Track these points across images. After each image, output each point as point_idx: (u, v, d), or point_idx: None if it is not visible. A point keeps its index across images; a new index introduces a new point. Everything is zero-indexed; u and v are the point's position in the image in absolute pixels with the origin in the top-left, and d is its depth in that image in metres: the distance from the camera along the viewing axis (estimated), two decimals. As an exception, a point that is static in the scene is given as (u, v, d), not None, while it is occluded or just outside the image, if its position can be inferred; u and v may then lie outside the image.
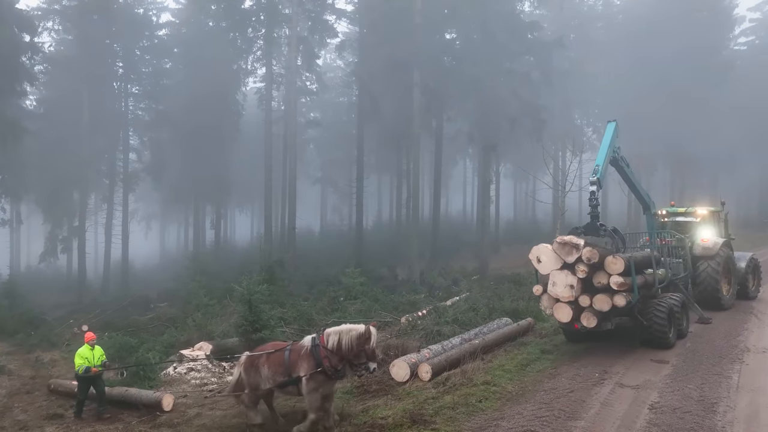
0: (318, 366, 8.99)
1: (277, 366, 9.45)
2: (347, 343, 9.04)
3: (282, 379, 9.38)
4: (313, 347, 9.17)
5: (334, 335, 9.17)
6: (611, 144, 14.45)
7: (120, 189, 45.22)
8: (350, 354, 9.04)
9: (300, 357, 9.23)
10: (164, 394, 11.82)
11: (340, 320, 19.02)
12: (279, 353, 9.59)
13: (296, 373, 9.19)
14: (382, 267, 35.06)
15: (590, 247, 12.02)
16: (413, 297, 23.13)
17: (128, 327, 19.87)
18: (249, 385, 9.73)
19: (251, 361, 9.79)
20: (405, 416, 9.78)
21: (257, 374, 9.65)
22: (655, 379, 11.19)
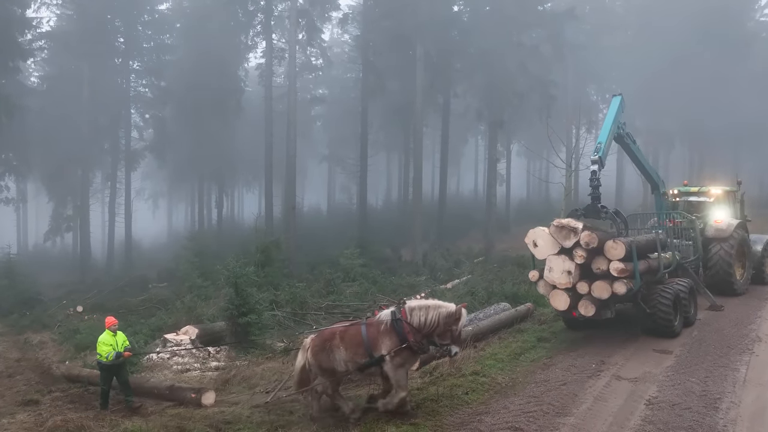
0: (402, 342, 8.40)
1: (355, 346, 8.68)
2: (433, 321, 8.45)
3: (362, 360, 8.65)
4: (394, 322, 8.53)
5: (420, 311, 8.54)
6: (615, 119, 13.70)
7: (123, 167, 45.06)
8: (434, 332, 8.47)
9: (380, 333, 8.55)
10: (206, 390, 10.92)
11: (335, 303, 18.64)
12: (354, 332, 8.83)
13: (378, 351, 8.51)
14: (387, 247, 34.64)
15: (589, 231, 11.36)
16: (413, 279, 22.66)
17: (119, 309, 19.62)
18: (324, 372, 8.92)
19: (321, 344, 8.92)
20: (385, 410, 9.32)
21: (331, 358, 8.82)
22: (655, 372, 10.57)
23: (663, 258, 13.10)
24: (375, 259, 30.78)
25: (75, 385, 12.74)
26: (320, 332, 9.15)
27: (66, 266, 42.29)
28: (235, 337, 14.59)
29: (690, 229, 16.07)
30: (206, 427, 9.49)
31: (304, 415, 9.66)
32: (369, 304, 18.48)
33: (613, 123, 13.62)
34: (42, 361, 15.50)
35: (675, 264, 13.66)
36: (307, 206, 68.70)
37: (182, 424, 9.70)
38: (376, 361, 8.53)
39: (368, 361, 8.60)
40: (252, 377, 12.05)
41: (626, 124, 14.38)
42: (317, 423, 9.03)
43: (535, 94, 30.16)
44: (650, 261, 12.56)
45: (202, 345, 14.67)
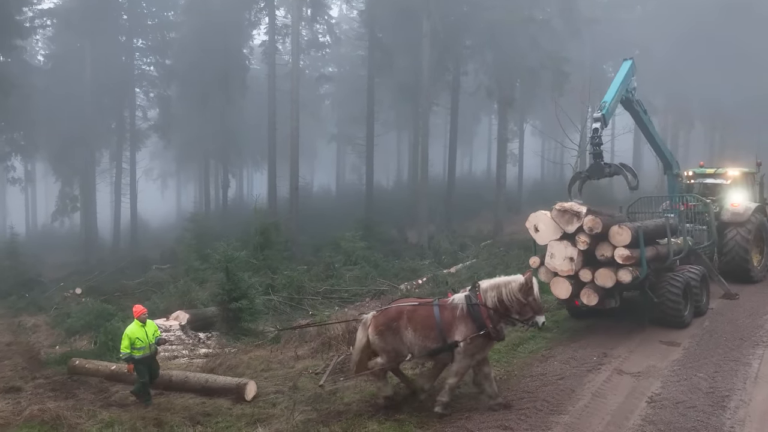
0: (480, 328, 7.92)
1: (427, 329, 8.17)
2: (508, 298, 7.99)
3: (433, 345, 8.14)
4: (471, 306, 8.05)
5: (492, 291, 8.08)
6: (624, 81, 13.17)
7: (135, 146, 44.90)
8: (513, 310, 8.04)
9: (456, 318, 8.10)
10: (248, 381, 10.03)
11: (334, 288, 18.24)
12: (425, 313, 8.27)
13: (451, 337, 8.04)
14: (393, 229, 34.17)
15: (593, 216, 10.75)
16: (417, 263, 22.16)
17: (115, 291, 19.43)
18: (385, 353, 8.39)
19: (386, 323, 8.34)
20: (369, 404, 8.91)
21: (398, 339, 8.29)
22: (660, 366, 10.02)
23: (673, 244, 12.44)
24: (381, 241, 30.34)
25: (59, 372, 12.44)
26: (384, 310, 8.60)
27: (73, 247, 42.40)
28: (226, 323, 14.26)
29: (704, 212, 15.35)
30: (184, 419, 9.18)
31: (286, 407, 9.31)
32: (368, 288, 18.07)
33: (621, 84, 13.11)
34: (32, 346, 15.33)
35: (686, 250, 12.99)
36: (316, 186, 68.30)
37: (160, 416, 9.41)
38: (449, 347, 8.05)
39: (440, 347, 8.11)
40: (238, 366, 11.69)
41: (637, 90, 13.87)
42: (385, 406, 8.50)
43: (547, 71, 29.21)
44: (659, 247, 11.94)
45: (192, 331, 14.39)
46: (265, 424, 8.75)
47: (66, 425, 9.40)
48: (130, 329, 9.99)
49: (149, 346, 9.99)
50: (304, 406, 9.47)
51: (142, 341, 9.92)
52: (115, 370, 11.41)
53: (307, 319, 15.98)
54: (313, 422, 8.53)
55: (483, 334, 7.94)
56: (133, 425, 9.07)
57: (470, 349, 7.99)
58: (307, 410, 9.20)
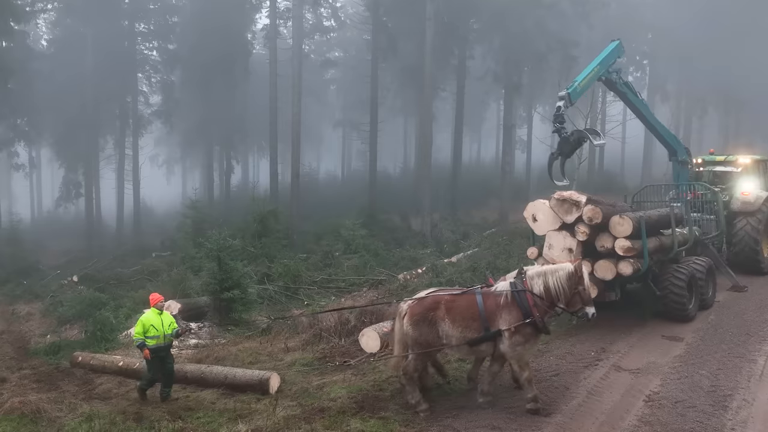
0: (526, 316, 7.51)
1: (467, 319, 7.73)
2: (556, 286, 7.58)
3: (475, 335, 7.70)
4: (516, 293, 7.64)
5: (539, 278, 7.68)
6: (604, 61, 13.02)
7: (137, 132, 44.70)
8: (560, 299, 7.65)
9: (500, 307, 7.66)
10: (267, 377, 9.51)
11: (331, 277, 17.97)
12: (467, 303, 7.83)
13: (495, 326, 7.62)
14: (397, 217, 33.83)
15: (593, 206, 10.34)
16: (418, 252, 21.84)
17: (110, 280, 19.27)
18: (419, 346, 7.93)
19: (422, 314, 7.89)
20: (354, 400, 8.64)
21: (433, 331, 7.83)
22: (660, 362, 9.66)
23: (678, 235, 12.01)
24: (384, 229, 30.05)
25: (46, 362, 12.30)
26: (420, 300, 8.11)
27: (77, 233, 42.36)
28: (218, 314, 14.04)
29: (713, 201, 14.88)
30: (165, 414, 8.96)
31: (270, 402, 9.07)
32: (366, 278, 17.79)
33: (600, 64, 12.91)
34: (24, 335, 15.23)
35: (692, 241, 12.58)
36: (323, 172, 68.01)
37: (141, 410, 9.22)
38: (492, 335, 7.65)
39: (482, 337, 7.69)
40: (226, 358, 11.46)
41: (622, 71, 13.97)
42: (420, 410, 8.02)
43: (555, 55, 28.54)
44: (662, 238, 11.53)
45: (184, 321, 14.14)
46: (246, 420, 8.49)
47: (46, 418, 9.26)
48: (146, 316, 9.68)
49: (163, 336, 9.58)
50: (289, 401, 9.23)
51: (157, 330, 9.53)
52: (123, 366, 11.03)
53: (301, 310, 15.77)
54: (295, 418, 8.27)
55: (529, 323, 7.52)
56: (112, 419, 8.87)
57: (517, 338, 7.58)
58: (292, 405, 8.95)
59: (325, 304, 16.13)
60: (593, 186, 42.52)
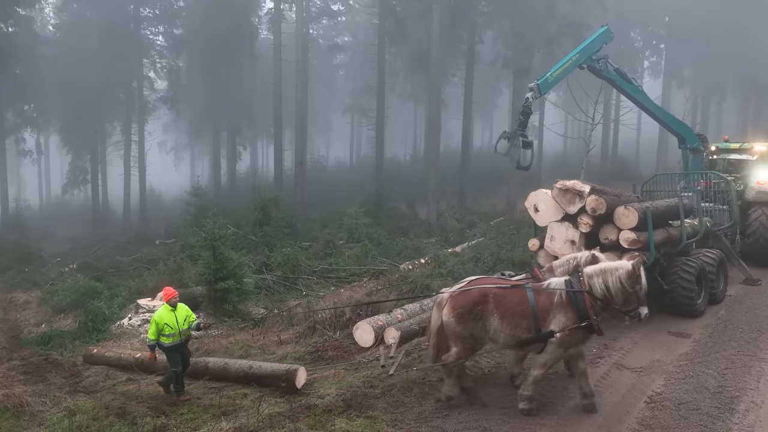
0: (581, 319, 7.03)
1: (518, 317, 7.22)
2: (615, 286, 7.08)
3: (525, 335, 7.20)
4: (572, 293, 7.15)
5: (598, 277, 7.16)
6: (584, 49, 13.01)
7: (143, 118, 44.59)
8: (617, 300, 7.15)
9: (554, 306, 7.18)
10: (295, 370, 9.02)
11: (331, 267, 17.69)
12: (518, 298, 7.29)
13: (546, 326, 7.14)
14: (404, 205, 33.46)
15: (596, 196, 9.93)
16: (422, 241, 21.48)
17: (109, 268, 19.14)
18: (460, 340, 7.45)
19: (468, 307, 7.33)
20: (342, 397, 8.35)
21: (479, 325, 7.34)
22: (665, 360, 9.28)
23: (688, 226, 11.55)
24: (391, 218, 29.70)
25: (36, 353, 12.13)
26: (465, 291, 7.47)
27: (84, 220, 42.51)
28: (212, 305, 13.81)
29: (726, 191, 14.35)
30: (148, 409, 8.74)
31: (256, 399, 8.82)
32: (366, 268, 17.49)
33: (579, 52, 12.89)
34: (18, 324, 15.12)
35: (703, 232, 12.10)
36: (332, 159, 67.66)
37: (126, 405, 9.00)
38: (542, 337, 7.16)
39: (531, 338, 7.19)
40: (216, 351, 11.24)
41: (609, 57, 13.75)
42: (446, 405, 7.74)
43: (566, 38, 27.82)
44: (671, 230, 11.08)
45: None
46: (231, 417, 8.26)
47: (28, 412, 9.10)
48: (159, 314, 9.14)
49: (179, 333, 9.11)
50: (277, 398, 8.99)
51: (171, 328, 9.04)
52: (141, 358, 10.64)
53: (301, 299, 15.52)
54: (280, 416, 8.02)
55: (584, 326, 7.06)
56: (95, 414, 8.69)
57: (567, 341, 7.13)
58: (279, 402, 8.71)
59: (323, 294, 15.87)
60: (607, 173, 41.85)
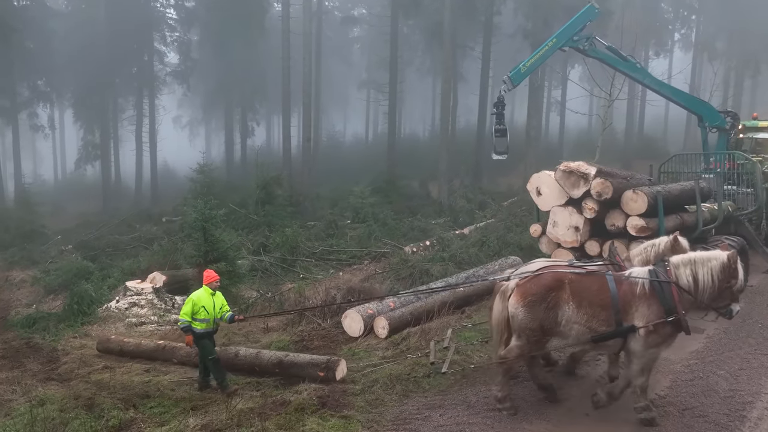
0: (668, 313, 6.31)
1: (596, 306, 6.51)
2: (706, 280, 6.35)
3: (602, 327, 6.51)
4: (659, 284, 6.41)
5: (686, 267, 6.43)
6: (562, 33, 12.98)
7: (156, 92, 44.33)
8: (708, 295, 6.39)
9: (637, 297, 6.47)
10: (335, 362, 8.49)
11: (332, 248, 17.21)
12: (597, 285, 6.58)
13: (629, 320, 6.44)
14: (417, 183, 32.79)
15: (603, 179, 9.20)
16: (430, 222, 20.86)
17: (107, 247, 18.90)
18: (527, 333, 6.74)
19: (540, 294, 6.62)
20: (318, 393, 7.89)
21: (552, 315, 6.61)
22: (673, 358, 8.60)
23: (705, 211, 10.75)
24: (402, 196, 29.07)
25: (19, 336, 11.90)
26: (535, 276, 6.79)
27: (96, 196, 42.60)
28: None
29: (751, 172, 13.41)
30: (118, 401, 8.39)
31: (230, 393, 8.41)
32: (368, 250, 16.97)
33: (557, 36, 12.89)
34: (10, 304, 14.96)
35: (722, 218, 11.28)
36: (350, 135, 66.93)
37: (96, 395, 8.67)
38: (624, 332, 6.47)
39: (611, 332, 6.49)
40: (197, 339, 10.81)
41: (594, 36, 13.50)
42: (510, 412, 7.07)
43: (588, 8, 26.47)
44: (685, 216, 10.30)
45: (169, 294, 13.62)
46: (201, 412, 7.88)
47: (-2, 400, 8.83)
48: (197, 295, 8.64)
49: (213, 321, 8.60)
50: (254, 390, 8.58)
51: (208, 313, 8.52)
52: (163, 343, 10.11)
53: (298, 283, 15.09)
54: (251, 413, 7.58)
55: (672, 321, 6.34)
56: (63, 405, 8.36)
57: (653, 339, 6.41)
58: (255, 396, 8.30)
59: (321, 277, 15.43)
60: (631, 151, 40.52)
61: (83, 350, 10.86)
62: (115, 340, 10.57)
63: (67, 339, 11.41)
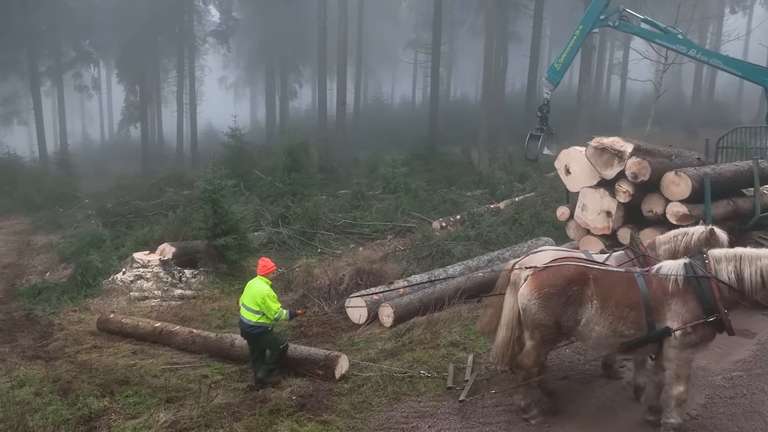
0: (708, 312, 5.52)
1: (624, 306, 5.73)
2: (754, 277, 5.49)
3: (631, 330, 5.72)
4: (696, 279, 5.61)
5: (729, 262, 5.62)
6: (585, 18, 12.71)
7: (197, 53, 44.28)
8: (755, 293, 5.59)
9: (670, 294, 5.68)
10: (335, 358, 7.77)
11: (355, 221, 16.51)
12: (624, 282, 5.82)
13: (662, 321, 5.66)
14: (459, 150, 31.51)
15: (640, 159, 8.05)
16: (464, 194, 19.83)
17: (128, 213, 18.76)
18: (541, 330, 6.02)
19: (560, 286, 5.85)
20: (300, 393, 7.28)
21: (570, 312, 5.85)
22: (713, 369, 7.58)
23: (767, 194, 9.42)
24: (443, 164, 27.90)
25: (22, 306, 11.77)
26: (555, 266, 6.00)
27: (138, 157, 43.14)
28: (210, 262, 13.02)
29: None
30: (96, 386, 8.04)
31: (212, 383, 7.92)
32: (392, 224, 16.20)
33: (582, 22, 12.58)
34: (25, 270, 14.99)
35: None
36: (398, 97, 65.61)
37: (76, 378, 8.34)
38: (657, 336, 5.67)
39: (644, 337, 5.71)
40: (192, 319, 10.40)
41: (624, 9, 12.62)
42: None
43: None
44: (739, 201, 9.01)
45: (179, 267, 13.25)
46: (176, 405, 7.43)
47: (-20, 379, 8.63)
48: (267, 288, 7.66)
49: (289, 314, 7.90)
50: (241, 383, 8.06)
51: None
52: (160, 328, 9.58)
53: (315, 258, 14.52)
54: (226, 409, 7.06)
55: (714, 320, 5.54)
56: (40, 389, 8.07)
57: (691, 339, 5.62)
58: (237, 391, 7.79)
59: (340, 252, 14.79)
60: (699, 119, 37.79)
61: (80, 326, 10.59)
62: (114, 319, 10.21)
63: (66, 312, 11.16)
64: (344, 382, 7.62)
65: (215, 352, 8.91)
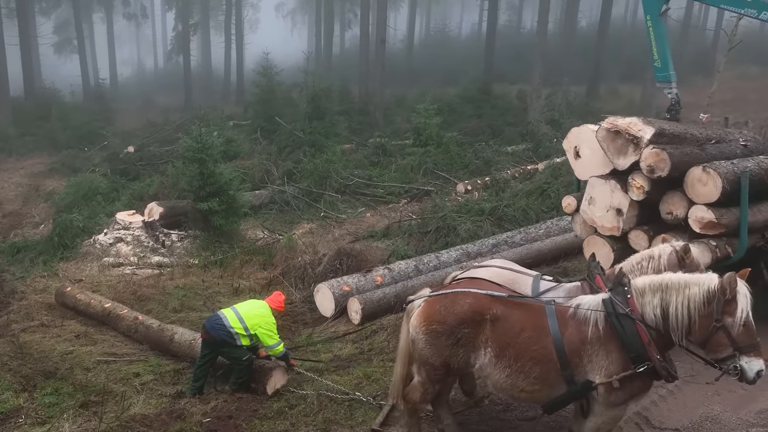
0: (637, 360, 4.40)
1: (528, 359, 4.68)
2: (680, 310, 4.29)
3: (536, 387, 4.72)
4: (616, 317, 4.46)
5: (655, 293, 4.42)
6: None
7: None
8: (687, 334, 4.35)
9: (590, 340, 4.54)
10: (274, 368, 7.13)
11: (370, 181, 15.42)
12: (532, 322, 4.72)
13: (582, 373, 4.59)
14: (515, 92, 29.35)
15: (659, 149, 6.48)
16: (503, 150, 18.21)
17: (139, 160, 18.34)
18: (427, 368, 5.16)
19: (447, 324, 4.90)
20: (217, 414, 6.51)
21: (460, 354, 4.93)
22: (728, 420, 6.17)
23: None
24: (495, 108, 26.04)
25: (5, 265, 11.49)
26: (450, 299, 5.00)
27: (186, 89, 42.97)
28: (195, 226, 12.38)
29: None
30: (21, 378, 7.66)
31: (139, 385, 7.30)
32: (408, 186, 15.03)
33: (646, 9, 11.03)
34: (20, 221, 14.91)
35: None
36: (465, 29, 62.29)
37: (6, 365, 7.93)
38: (578, 394, 4.68)
39: (563, 397, 4.72)
40: (149, 298, 9.73)
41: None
42: None
43: None
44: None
45: (165, 229, 12.72)
46: (88, 412, 6.94)
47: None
48: (273, 319, 7.06)
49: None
50: (169, 385, 7.44)
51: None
52: (109, 309, 9.13)
53: (317, 222, 13.67)
54: (134, 423, 6.43)
55: (646, 370, 4.40)
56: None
57: (616, 397, 4.55)
58: (163, 398, 7.14)
59: (345, 217, 13.84)
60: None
61: (41, 296, 10.25)
62: (70, 293, 9.78)
63: (34, 278, 10.84)
64: (276, 400, 6.81)
65: (155, 345, 8.29)
